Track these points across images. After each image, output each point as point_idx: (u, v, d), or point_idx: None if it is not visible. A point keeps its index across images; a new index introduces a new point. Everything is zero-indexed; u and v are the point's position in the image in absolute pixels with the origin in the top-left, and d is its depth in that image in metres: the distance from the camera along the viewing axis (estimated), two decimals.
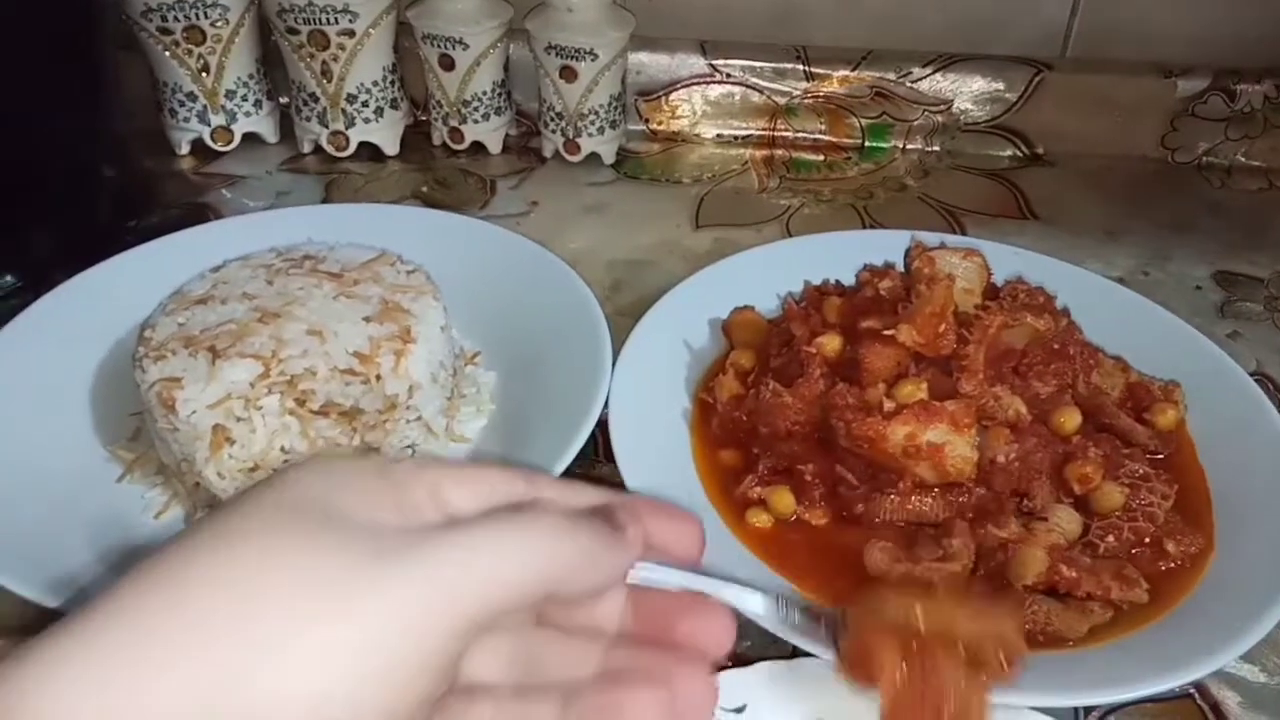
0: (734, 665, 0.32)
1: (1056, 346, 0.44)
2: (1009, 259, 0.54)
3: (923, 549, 0.39)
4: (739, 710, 0.31)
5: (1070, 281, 0.53)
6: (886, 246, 0.55)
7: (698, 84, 0.73)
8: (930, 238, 0.54)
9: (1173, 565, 0.41)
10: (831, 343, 0.45)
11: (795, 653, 0.35)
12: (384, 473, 0.24)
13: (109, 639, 0.20)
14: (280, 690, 0.19)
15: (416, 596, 0.21)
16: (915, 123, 0.73)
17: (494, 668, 0.25)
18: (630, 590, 0.26)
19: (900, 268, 0.53)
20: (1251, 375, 0.50)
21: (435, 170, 0.70)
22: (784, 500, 0.42)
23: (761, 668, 0.32)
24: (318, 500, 0.22)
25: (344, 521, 0.22)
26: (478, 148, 0.71)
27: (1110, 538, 0.41)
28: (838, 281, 0.53)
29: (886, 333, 0.43)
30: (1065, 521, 0.40)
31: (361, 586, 0.20)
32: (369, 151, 0.70)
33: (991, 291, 0.49)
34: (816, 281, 0.53)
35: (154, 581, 0.21)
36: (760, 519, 0.42)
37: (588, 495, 0.26)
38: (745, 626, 0.39)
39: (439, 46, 0.67)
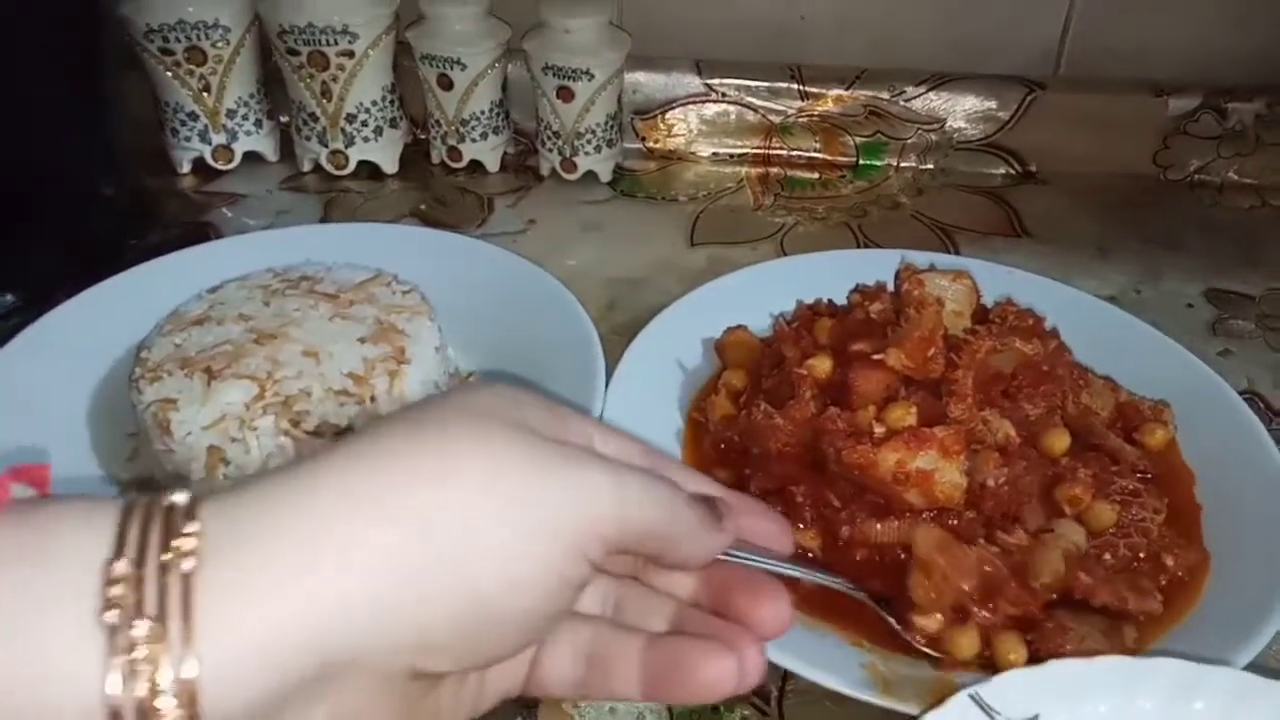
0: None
1: (1046, 368, 0.45)
2: (1001, 278, 0.55)
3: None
4: None
5: (1061, 301, 0.54)
6: (879, 266, 0.55)
7: (693, 103, 0.73)
8: (920, 258, 0.54)
9: (1171, 579, 0.41)
10: (822, 365, 0.45)
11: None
12: (551, 408, 0.26)
13: (320, 494, 0.22)
14: (469, 547, 0.22)
15: (582, 496, 0.24)
16: (909, 141, 0.73)
17: (596, 601, 0.29)
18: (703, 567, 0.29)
19: (891, 287, 0.53)
20: (1243, 394, 0.50)
21: (434, 189, 0.71)
22: None
23: (1054, 670, 0.30)
24: (497, 409, 0.25)
25: (522, 427, 0.24)
26: (476, 166, 0.72)
27: (1107, 555, 0.41)
28: (830, 301, 0.54)
29: (876, 357, 0.43)
30: (1071, 533, 0.40)
31: (541, 477, 0.23)
32: (368, 170, 0.71)
33: (981, 313, 0.49)
34: (810, 300, 0.54)
35: (358, 452, 0.23)
36: None
37: (701, 484, 0.29)
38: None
39: (437, 67, 0.67)
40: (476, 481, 0.23)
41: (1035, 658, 0.37)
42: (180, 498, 0.22)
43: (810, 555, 0.42)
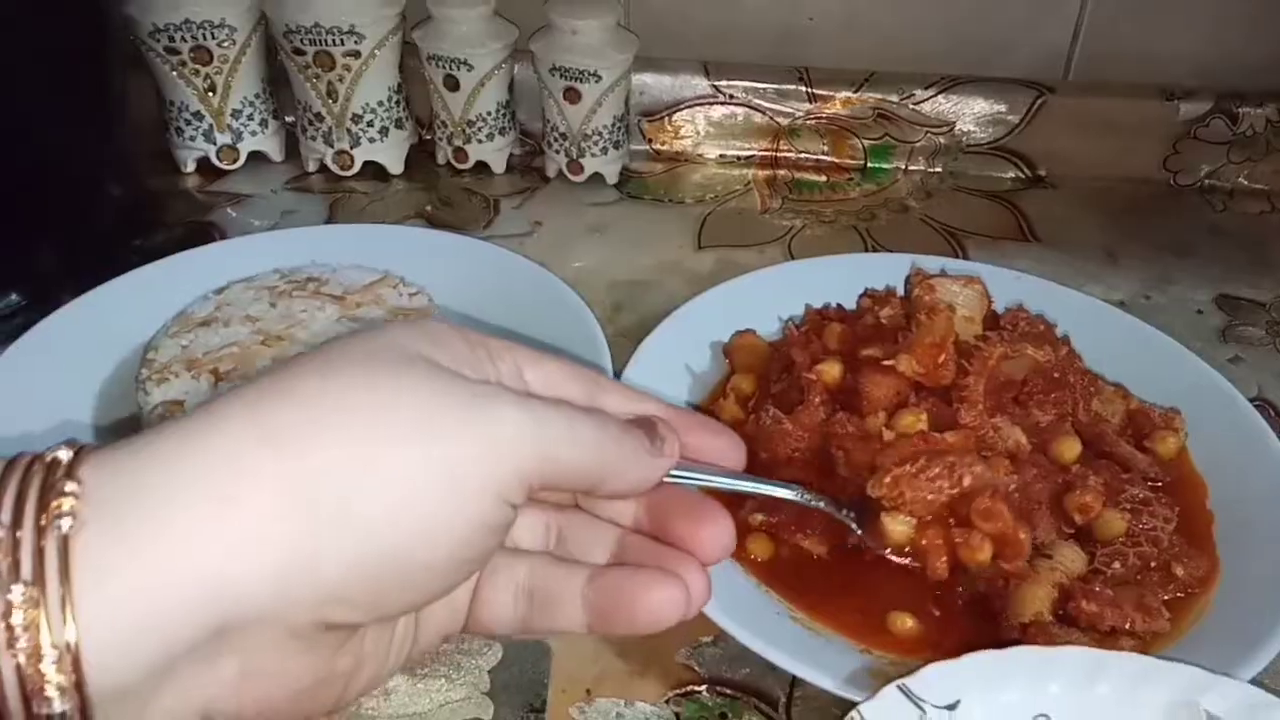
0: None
1: (1056, 375, 0.45)
2: (1010, 283, 0.55)
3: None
4: (951, 707, 0.30)
5: (1071, 307, 0.53)
6: (888, 270, 0.55)
7: (701, 105, 0.73)
8: (931, 263, 0.54)
9: (1181, 590, 0.41)
10: (832, 370, 0.45)
11: (1007, 643, 0.35)
12: (476, 343, 0.25)
13: (209, 443, 0.21)
14: (365, 495, 0.21)
15: (493, 435, 0.23)
16: (917, 144, 0.73)
17: (533, 537, 0.28)
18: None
19: (901, 292, 0.53)
20: (1253, 401, 0.50)
21: (439, 190, 0.71)
22: (762, 547, 0.42)
23: (972, 661, 0.31)
24: (407, 348, 0.23)
25: (429, 364, 0.23)
26: (482, 167, 0.72)
27: (1116, 564, 0.41)
28: (839, 305, 0.53)
29: (886, 363, 0.43)
30: (1069, 560, 0.40)
31: (443, 417, 0.22)
32: (374, 170, 0.71)
33: (992, 319, 0.49)
34: (818, 305, 0.54)
35: (251, 398, 0.22)
36: (759, 545, 0.42)
37: (643, 404, 0.28)
38: (744, 657, 0.39)
39: (444, 67, 0.67)
40: (372, 425, 0.22)
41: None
42: (64, 454, 0.21)
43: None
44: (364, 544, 0.21)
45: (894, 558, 0.38)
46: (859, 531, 0.37)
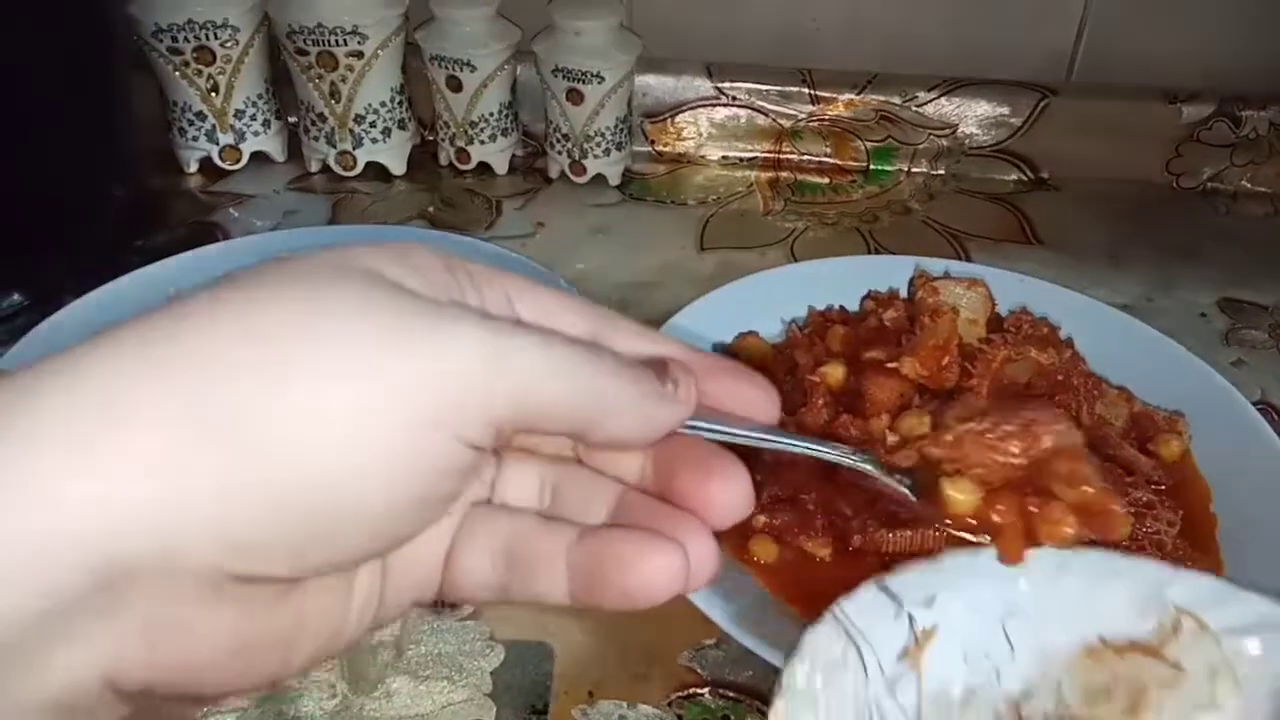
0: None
1: (1060, 378, 0.45)
2: (1014, 286, 0.54)
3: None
4: (929, 602, 0.30)
5: (1074, 309, 0.53)
6: (891, 272, 0.55)
7: (703, 106, 0.73)
8: (935, 265, 0.54)
9: None
10: (835, 372, 0.45)
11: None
12: (453, 266, 0.22)
13: (105, 366, 0.18)
14: (283, 427, 0.18)
15: (445, 358, 0.19)
16: (920, 146, 0.73)
17: (523, 493, 0.24)
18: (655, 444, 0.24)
19: (904, 294, 0.53)
20: (1256, 404, 0.50)
21: (442, 190, 0.71)
22: (766, 549, 0.42)
23: (947, 560, 0.31)
24: (362, 266, 0.20)
25: (388, 285, 0.20)
26: (484, 168, 0.72)
27: None
28: (842, 307, 0.53)
29: (890, 365, 0.43)
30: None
31: (386, 339, 0.19)
32: (376, 171, 0.71)
33: (996, 322, 0.49)
34: (821, 307, 0.54)
35: (160, 315, 0.19)
36: (763, 547, 0.42)
37: (661, 345, 0.24)
38: (747, 660, 0.39)
39: (447, 68, 0.67)
40: (292, 347, 0.19)
41: None
42: None
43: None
44: (275, 484, 0.18)
45: (957, 533, 0.32)
46: (914, 499, 0.32)
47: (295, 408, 0.18)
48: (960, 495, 0.32)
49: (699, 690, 0.40)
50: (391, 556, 0.22)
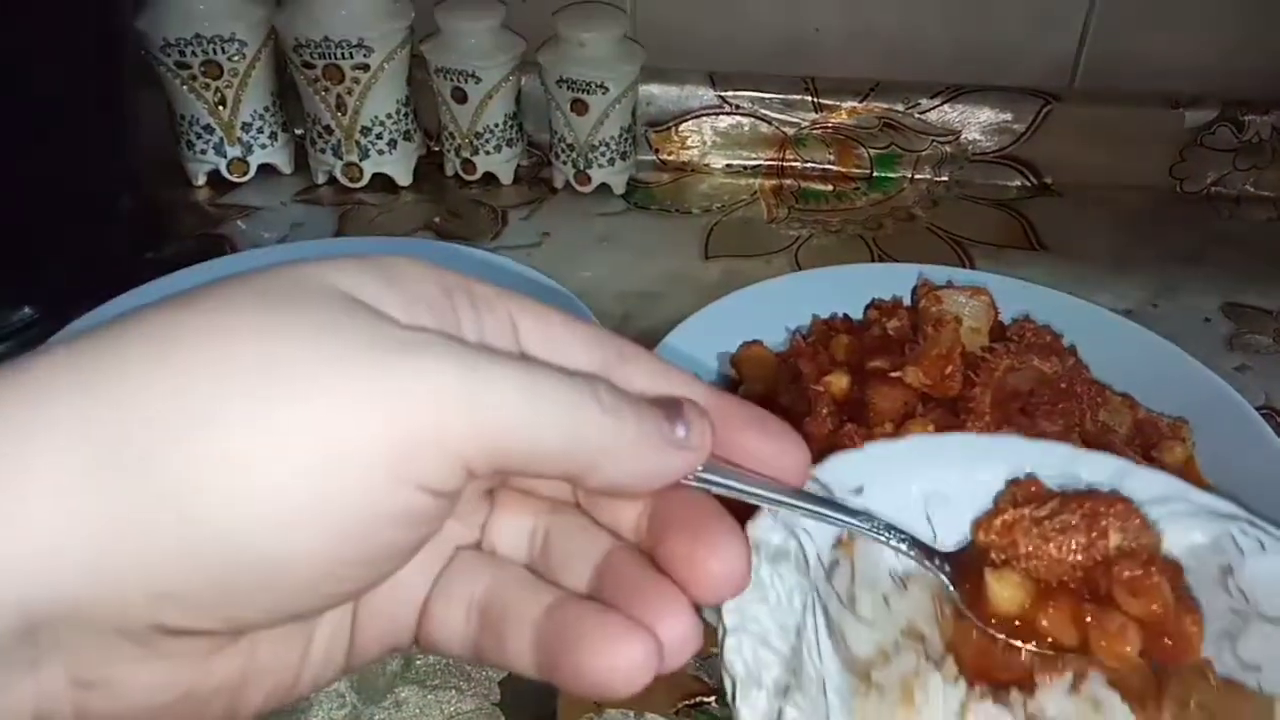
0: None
1: (1064, 385, 0.45)
2: (1017, 292, 0.55)
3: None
4: (857, 491, 0.29)
5: (1077, 316, 0.53)
6: (895, 280, 0.55)
7: (707, 115, 0.74)
8: (938, 273, 0.54)
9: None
10: (839, 381, 0.45)
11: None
12: (449, 286, 0.20)
13: (12, 387, 0.17)
14: (199, 458, 0.17)
15: (402, 394, 0.17)
16: (923, 153, 0.73)
17: (514, 541, 0.22)
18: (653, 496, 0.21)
19: (908, 303, 0.53)
20: (1260, 409, 0.50)
21: (448, 201, 0.71)
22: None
23: (876, 449, 0.30)
24: (329, 284, 0.19)
25: (357, 306, 0.18)
26: (490, 179, 0.72)
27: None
28: (846, 316, 0.53)
29: (894, 374, 0.43)
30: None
31: (345, 368, 0.17)
32: (382, 182, 0.71)
33: (999, 330, 0.49)
34: (825, 315, 0.54)
35: (98, 332, 0.18)
36: None
37: (678, 383, 0.22)
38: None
39: (452, 80, 0.68)
40: (224, 372, 0.17)
41: None
42: None
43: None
44: (189, 536, 0.17)
45: (998, 634, 0.27)
46: (952, 589, 0.28)
47: (205, 455, 0.17)
48: (1006, 592, 0.28)
49: (705, 699, 0.40)
50: (361, 602, 0.21)
